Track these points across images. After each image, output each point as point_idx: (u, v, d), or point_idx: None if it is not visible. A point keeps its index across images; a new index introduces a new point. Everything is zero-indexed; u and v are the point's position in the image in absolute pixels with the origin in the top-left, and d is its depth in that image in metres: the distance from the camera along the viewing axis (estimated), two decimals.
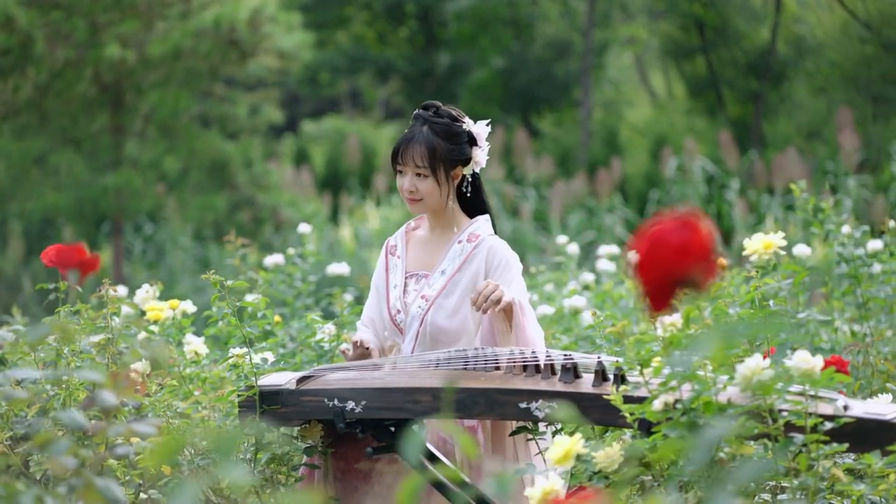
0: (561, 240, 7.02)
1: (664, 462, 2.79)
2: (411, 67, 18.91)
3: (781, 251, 3.53)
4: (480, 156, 3.72)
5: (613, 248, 6.91)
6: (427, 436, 3.48)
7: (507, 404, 3.15)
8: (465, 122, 3.70)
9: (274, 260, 5.77)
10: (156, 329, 4.24)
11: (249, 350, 3.53)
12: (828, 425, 2.70)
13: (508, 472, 3.27)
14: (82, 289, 3.59)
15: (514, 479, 3.19)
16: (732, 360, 2.84)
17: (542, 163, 14.98)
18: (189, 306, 4.34)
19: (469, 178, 3.72)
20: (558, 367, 3.22)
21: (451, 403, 3.17)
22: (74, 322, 3.61)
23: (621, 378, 3.06)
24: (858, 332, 5.11)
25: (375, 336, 3.71)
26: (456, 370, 3.39)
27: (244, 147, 13.36)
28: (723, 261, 3.18)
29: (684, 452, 2.63)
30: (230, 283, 3.59)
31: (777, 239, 3.48)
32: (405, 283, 3.72)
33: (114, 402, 2.22)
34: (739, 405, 2.67)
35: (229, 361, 3.55)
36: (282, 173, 15.24)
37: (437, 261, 3.70)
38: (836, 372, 2.71)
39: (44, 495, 2.10)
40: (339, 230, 13.43)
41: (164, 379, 3.72)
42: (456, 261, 3.66)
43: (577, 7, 18.71)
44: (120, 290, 4.55)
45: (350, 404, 3.32)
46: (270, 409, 3.39)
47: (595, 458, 2.82)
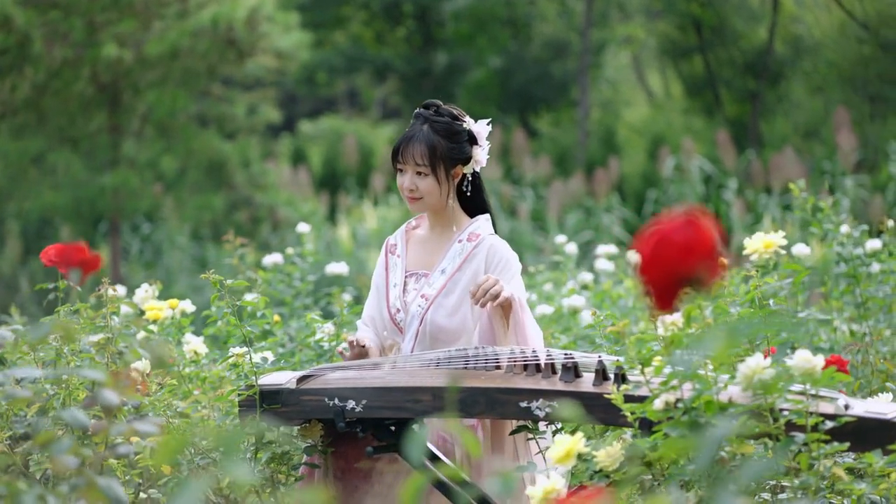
0: (559, 239, 7.02)
1: (665, 461, 2.79)
2: (409, 67, 18.90)
3: (781, 250, 3.53)
4: (481, 155, 3.72)
5: (612, 248, 6.92)
6: (427, 435, 3.48)
7: (508, 403, 3.15)
8: (465, 120, 3.70)
9: (273, 259, 5.77)
10: (155, 328, 4.24)
11: (249, 349, 3.53)
12: (829, 424, 2.70)
13: (510, 470, 3.27)
14: (80, 289, 3.58)
15: (516, 478, 3.19)
16: (733, 359, 2.84)
17: (540, 162, 14.98)
18: (188, 306, 4.35)
19: (469, 177, 3.72)
20: (559, 367, 3.22)
21: (453, 402, 3.17)
22: (74, 321, 3.60)
23: (622, 377, 3.06)
24: (857, 332, 5.11)
25: (375, 335, 3.71)
26: (456, 369, 3.39)
27: (242, 147, 13.36)
28: (725, 260, 3.18)
29: (687, 452, 2.63)
30: (230, 282, 3.59)
31: (778, 238, 3.48)
32: (405, 281, 3.72)
33: (116, 402, 2.22)
34: (741, 404, 2.67)
35: (229, 361, 3.54)
36: (279, 173, 15.24)
37: (437, 260, 3.70)
38: (837, 371, 2.72)
39: (46, 494, 2.10)
40: (337, 230, 13.43)
41: (164, 378, 3.71)
42: (456, 260, 3.66)
43: (574, 7, 18.72)
44: (118, 289, 4.54)
45: (350, 403, 3.31)
46: (271, 408, 3.39)
47: (596, 456, 2.82)
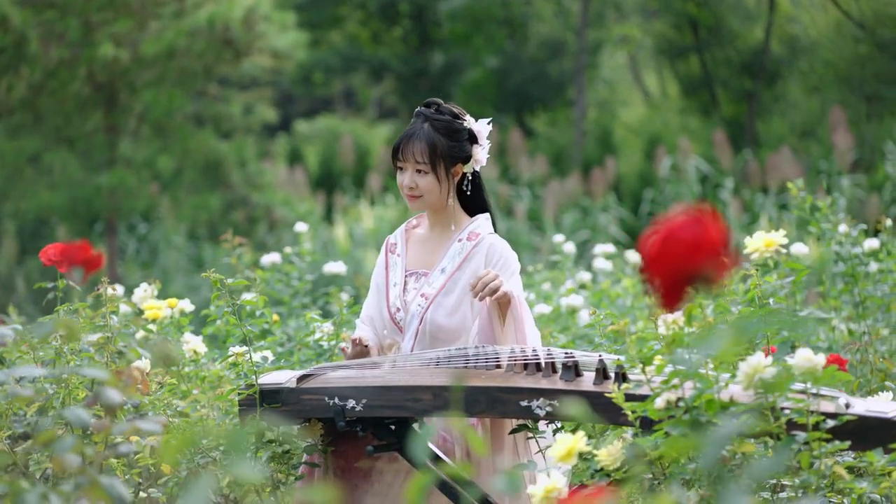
0: (558, 238, 7.02)
1: (666, 460, 2.79)
2: (405, 67, 18.89)
3: (782, 249, 3.54)
4: (481, 154, 3.72)
5: (610, 247, 6.92)
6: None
7: (509, 402, 3.14)
8: (466, 119, 3.70)
9: (271, 259, 5.77)
10: (154, 328, 4.24)
11: (249, 349, 3.52)
12: (830, 423, 2.70)
13: (512, 469, 3.27)
14: (78, 289, 3.58)
15: (518, 476, 3.19)
16: (734, 358, 2.84)
17: (537, 162, 14.97)
18: (187, 305, 4.35)
19: (469, 176, 3.72)
20: (559, 366, 3.22)
21: (455, 401, 3.17)
22: (75, 321, 3.60)
23: (623, 376, 3.06)
24: (855, 331, 5.11)
25: (375, 334, 3.71)
26: (457, 368, 3.39)
27: (238, 146, 13.34)
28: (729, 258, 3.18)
29: (688, 450, 2.62)
30: (230, 281, 3.59)
31: (778, 237, 3.49)
32: (405, 281, 3.72)
33: (118, 400, 2.22)
34: (742, 403, 2.67)
35: (229, 360, 3.54)
36: (276, 173, 15.23)
37: (437, 259, 3.70)
38: (837, 370, 2.72)
39: (48, 493, 2.09)
40: (334, 229, 13.42)
41: (164, 377, 3.71)
42: (456, 259, 3.66)
43: (570, 6, 18.72)
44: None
45: (350, 402, 3.31)
46: (271, 407, 3.39)
47: (597, 455, 2.82)
